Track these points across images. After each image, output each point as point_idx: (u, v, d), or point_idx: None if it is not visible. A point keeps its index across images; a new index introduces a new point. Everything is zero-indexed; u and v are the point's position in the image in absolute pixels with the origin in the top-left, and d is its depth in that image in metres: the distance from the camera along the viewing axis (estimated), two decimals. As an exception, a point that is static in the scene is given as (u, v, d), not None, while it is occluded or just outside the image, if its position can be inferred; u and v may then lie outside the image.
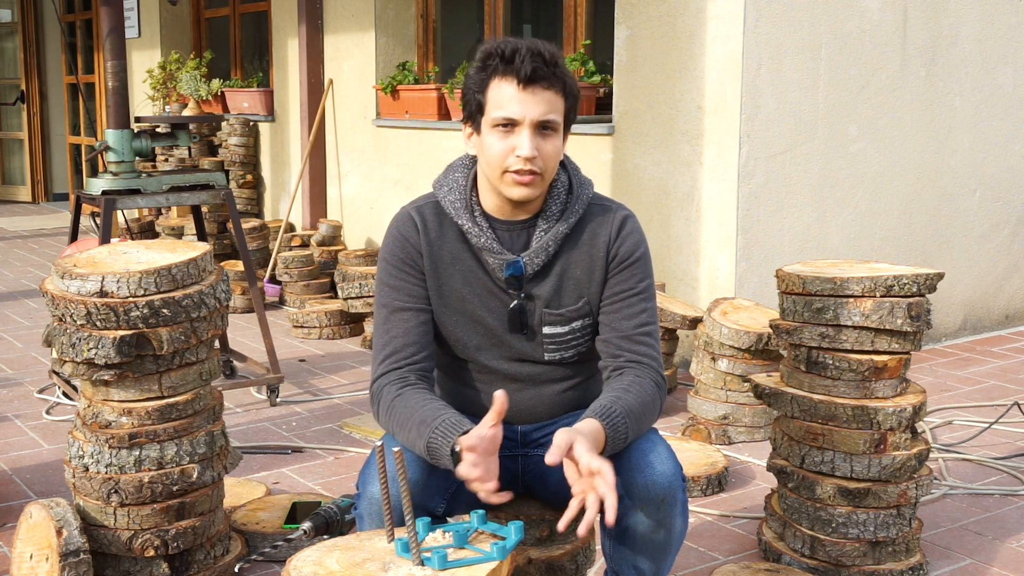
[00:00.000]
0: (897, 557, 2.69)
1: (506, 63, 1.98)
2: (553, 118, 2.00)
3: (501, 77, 1.99)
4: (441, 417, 1.90)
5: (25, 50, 11.47)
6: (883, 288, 2.60)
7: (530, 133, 1.98)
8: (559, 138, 2.03)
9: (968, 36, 5.11)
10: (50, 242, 8.92)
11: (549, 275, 2.10)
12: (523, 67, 1.96)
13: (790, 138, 4.56)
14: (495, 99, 1.99)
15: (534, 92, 1.97)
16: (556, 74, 1.99)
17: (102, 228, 3.93)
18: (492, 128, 2.00)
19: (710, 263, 4.60)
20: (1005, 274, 5.57)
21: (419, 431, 1.92)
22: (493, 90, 2.00)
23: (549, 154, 2.01)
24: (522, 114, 1.97)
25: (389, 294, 2.10)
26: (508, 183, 2.02)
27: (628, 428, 1.94)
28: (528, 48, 1.98)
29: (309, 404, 4.32)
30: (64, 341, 2.41)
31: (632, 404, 1.97)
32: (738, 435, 3.80)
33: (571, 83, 2.04)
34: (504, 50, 1.99)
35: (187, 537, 2.51)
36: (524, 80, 1.96)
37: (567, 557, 2.15)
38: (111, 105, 4.06)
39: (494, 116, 1.99)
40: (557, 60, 2.00)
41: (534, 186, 2.02)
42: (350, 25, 6.61)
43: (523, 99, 1.97)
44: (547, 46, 2.01)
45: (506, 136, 1.99)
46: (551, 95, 1.99)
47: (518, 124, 1.98)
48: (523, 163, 1.98)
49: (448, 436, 1.86)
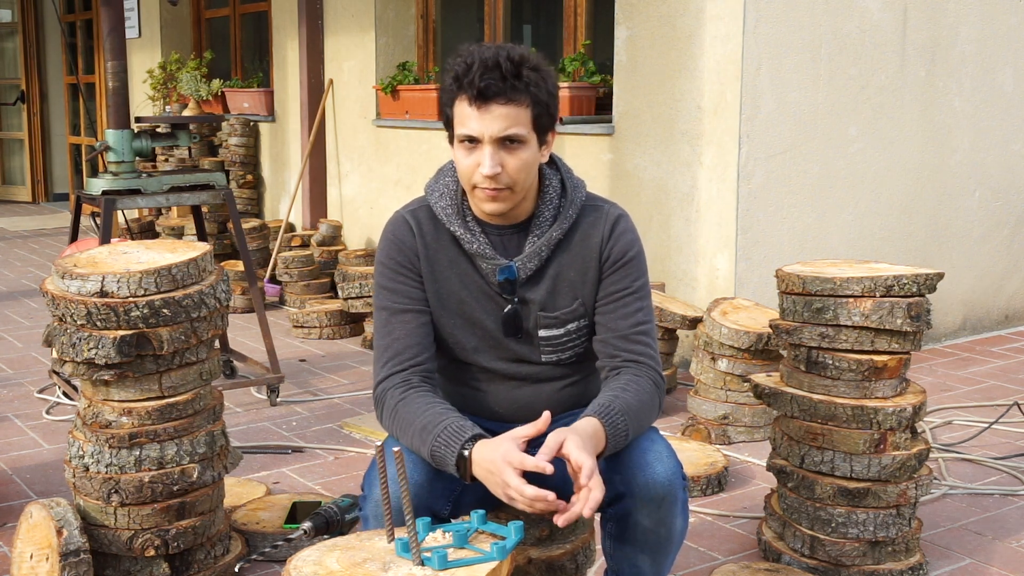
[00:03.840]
0: (897, 557, 2.69)
1: (463, 79, 1.93)
2: (515, 132, 1.94)
3: (460, 94, 1.95)
4: (443, 424, 1.90)
5: (25, 50, 11.47)
6: (883, 288, 2.60)
7: (492, 150, 1.94)
8: (527, 149, 1.97)
9: (968, 36, 5.12)
10: (50, 242, 8.92)
11: (543, 278, 2.09)
12: (474, 85, 1.91)
13: (790, 138, 4.56)
14: (459, 115, 1.97)
15: (490, 109, 1.93)
16: (516, 86, 1.93)
17: (102, 228, 3.93)
18: (459, 143, 1.99)
19: (710, 263, 4.60)
20: (1005, 274, 5.57)
21: (422, 438, 1.92)
22: (457, 106, 1.97)
23: (516, 168, 1.97)
24: (480, 131, 1.94)
25: (388, 297, 2.09)
26: (479, 198, 2.01)
27: (628, 425, 1.94)
28: (483, 62, 1.91)
29: (309, 404, 4.32)
30: (64, 341, 2.41)
31: (630, 402, 1.97)
32: (738, 435, 3.80)
33: (537, 90, 1.95)
34: (461, 66, 1.94)
35: (187, 537, 2.52)
36: (476, 98, 1.92)
37: (567, 557, 2.15)
38: (111, 105, 4.06)
39: (459, 132, 1.98)
40: (520, 69, 1.93)
41: (503, 200, 2.00)
42: (350, 25, 6.61)
43: (480, 116, 1.93)
44: (513, 54, 1.93)
45: (471, 152, 1.97)
46: (510, 109, 1.93)
47: (479, 141, 1.95)
48: (485, 180, 1.96)
49: (451, 444, 1.87)
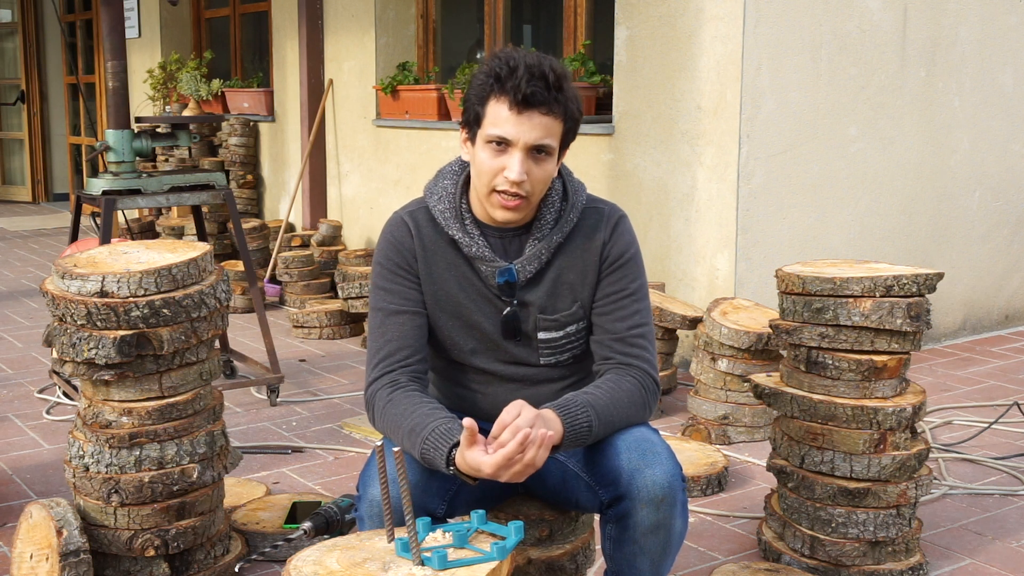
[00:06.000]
0: (897, 557, 2.69)
1: (506, 82, 1.93)
2: (548, 143, 1.95)
3: (500, 95, 1.94)
4: (431, 426, 1.90)
5: (25, 50, 11.47)
6: (883, 288, 2.60)
7: (522, 156, 1.94)
8: (552, 162, 1.99)
9: (968, 36, 5.12)
10: (50, 242, 8.92)
11: (542, 281, 2.09)
12: (520, 90, 1.91)
13: (790, 138, 4.56)
14: (492, 115, 1.95)
15: (530, 116, 1.93)
16: (558, 99, 1.94)
17: (102, 228, 3.93)
18: (486, 143, 1.97)
19: (710, 263, 4.60)
20: (1005, 274, 5.57)
21: (411, 440, 1.92)
22: (491, 106, 1.96)
23: (539, 179, 1.98)
24: (516, 136, 1.93)
25: (384, 298, 2.09)
26: (494, 203, 2.00)
27: (592, 421, 1.93)
28: (528, 68, 1.92)
29: (309, 404, 4.32)
30: (64, 341, 2.41)
31: (599, 398, 1.97)
32: (738, 435, 3.80)
33: (573, 107, 1.98)
34: (503, 68, 1.93)
35: (187, 537, 2.52)
36: (520, 103, 1.92)
37: (567, 557, 2.15)
38: (111, 105, 4.06)
39: (489, 132, 1.96)
40: (562, 83, 1.94)
41: (519, 210, 2.00)
42: (350, 25, 6.61)
43: (518, 122, 1.93)
44: (555, 65, 1.95)
45: (498, 155, 1.96)
46: (549, 120, 1.94)
47: (511, 145, 1.95)
48: (510, 185, 1.96)
49: (439, 447, 1.87)
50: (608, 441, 1.99)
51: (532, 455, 1.78)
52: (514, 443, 1.76)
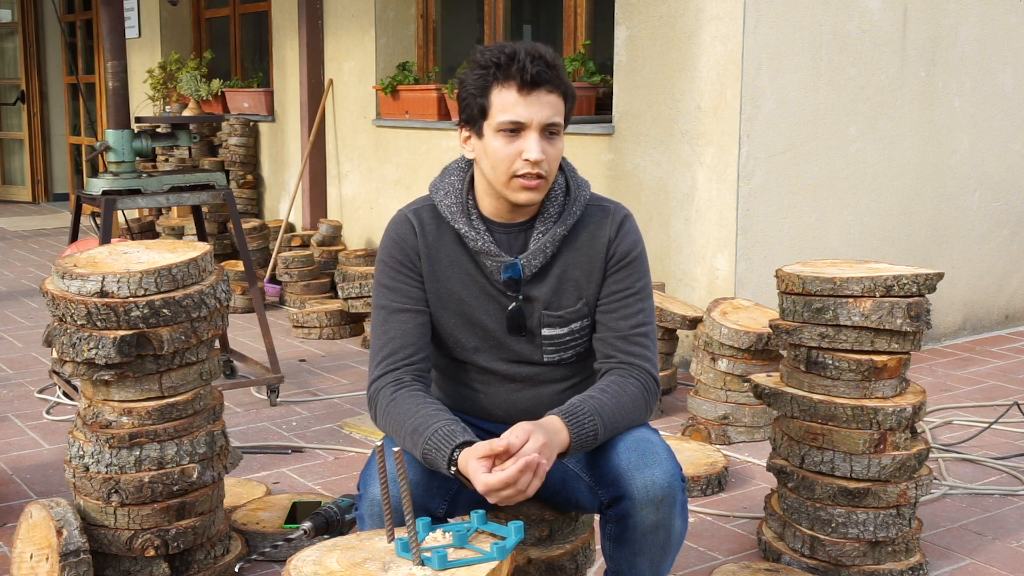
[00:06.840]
0: (897, 557, 2.69)
1: (509, 67, 1.97)
2: (558, 120, 2.00)
3: (504, 81, 1.97)
4: (433, 427, 1.90)
5: (25, 50, 11.47)
6: (883, 288, 2.60)
7: (537, 136, 1.98)
8: (561, 141, 2.04)
9: (968, 36, 5.12)
10: (50, 242, 8.92)
11: (548, 277, 2.10)
12: (526, 71, 1.95)
13: (790, 138, 4.56)
14: (499, 103, 1.98)
15: (539, 96, 1.97)
16: (559, 76, 1.99)
17: (102, 228, 3.93)
18: (497, 132, 1.99)
19: (710, 263, 4.60)
20: (1005, 274, 5.57)
21: (413, 440, 1.92)
22: (496, 94, 1.98)
23: (554, 157, 2.02)
24: (529, 117, 1.97)
25: (387, 296, 2.10)
26: (515, 188, 2.01)
27: (598, 427, 1.94)
28: (527, 51, 1.97)
29: (309, 404, 4.32)
30: (64, 341, 2.41)
31: (606, 404, 1.97)
32: (738, 435, 3.80)
33: (570, 85, 2.04)
34: (500, 56, 1.98)
35: (187, 537, 2.52)
36: (528, 84, 1.96)
37: (567, 557, 2.15)
38: (111, 105, 4.06)
39: (500, 120, 1.98)
40: (557, 62, 2.00)
41: (539, 190, 2.02)
42: (350, 25, 6.61)
43: (528, 103, 1.97)
44: (545, 48, 2.01)
45: (512, 140, 1.99)
46: (554, 98, 1.99)
47: (525, 128, 1.98)
48: (531, 167, 1.98)
49: (442, 449, 1.87)
50: (608, 441, 1.99)
51: (526, 482, 1.78)
52: (514, 469, 1.76)
